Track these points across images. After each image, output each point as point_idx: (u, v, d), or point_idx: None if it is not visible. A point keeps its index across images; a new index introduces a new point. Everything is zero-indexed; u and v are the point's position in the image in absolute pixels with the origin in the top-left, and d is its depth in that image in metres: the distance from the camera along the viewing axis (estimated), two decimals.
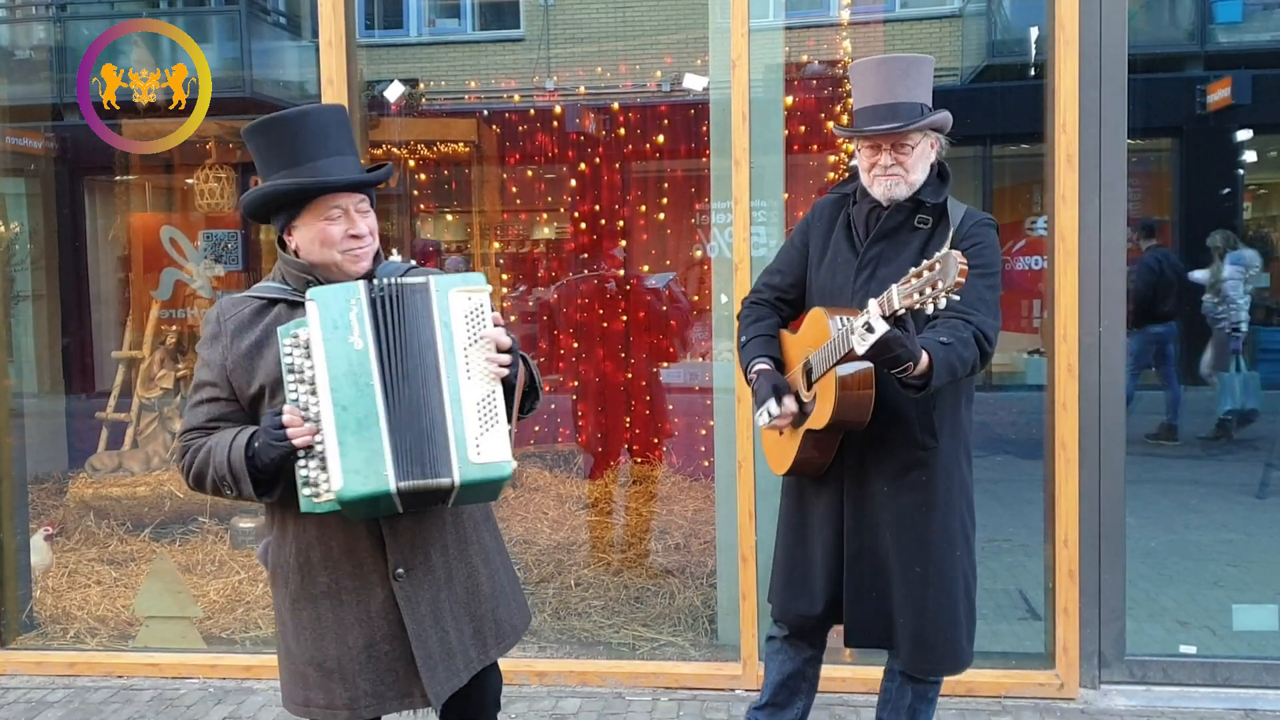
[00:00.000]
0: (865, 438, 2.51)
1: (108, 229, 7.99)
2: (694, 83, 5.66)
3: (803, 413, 2.53)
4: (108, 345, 6.56)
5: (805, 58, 5.17)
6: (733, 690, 3.68)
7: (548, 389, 4.94)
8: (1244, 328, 7.23)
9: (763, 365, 2.61)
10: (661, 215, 6.28)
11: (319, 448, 1.92)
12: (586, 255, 6.02)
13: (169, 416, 5.50)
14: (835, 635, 3.74)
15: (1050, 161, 3.52)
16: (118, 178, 7.22)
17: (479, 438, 1.92)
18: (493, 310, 2.00)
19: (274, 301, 2.09)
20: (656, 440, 5.58)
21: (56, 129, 6.03)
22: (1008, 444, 7.80)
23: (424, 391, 1.93)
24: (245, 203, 2.08)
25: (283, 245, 2.13)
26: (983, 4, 11.59)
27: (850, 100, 2.66)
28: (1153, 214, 11.41)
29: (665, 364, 5.66)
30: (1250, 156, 11.06)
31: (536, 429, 6.33)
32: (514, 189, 7.46)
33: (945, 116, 2.51)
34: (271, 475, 1.98)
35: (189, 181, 6.01)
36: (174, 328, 5.60)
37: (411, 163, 7.23)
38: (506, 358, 1.97)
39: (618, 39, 9.36)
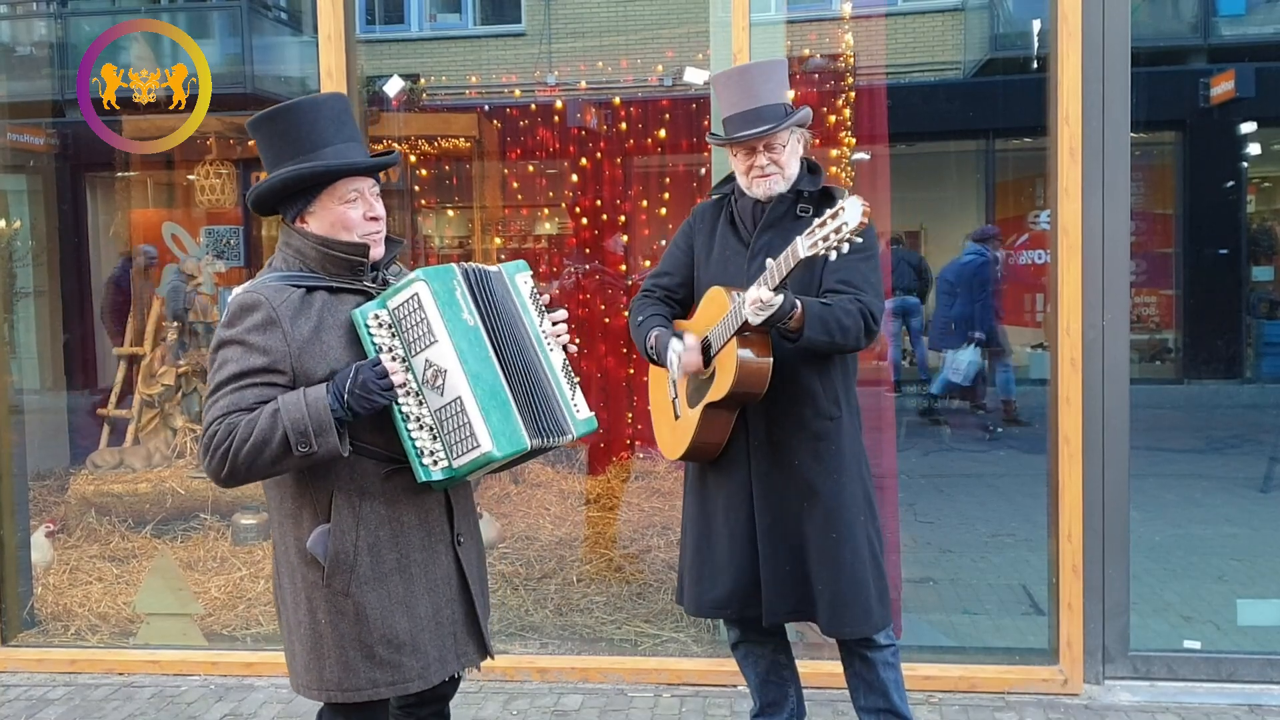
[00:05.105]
0: (773, 415, 2.65)
1: (109, 225, 7.97)
2: (695, 77, 5.65)
3: (703, 387, 2.65)
4: (109, 341, 6.54)
5: (807, 52, 5.13)
6: (735, 686, 3.67)
7: None
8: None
9: (660, 330, 2.74)
10: (663, 210, 6.26)
11: (427, 418, 2.01)
12: (588, 250, 5.97)
13: (170, 413, 5.49)
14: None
15: (1053, 155, 3.50)
16: (119, 174, 7.20)
17: (573, 397, 2.19)
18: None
19: (311, 289, 2.06)
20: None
21: (58, 125, 6.02)
22: (1010, 439, 7.79)
23: (525, 362, 2.12)
24: (257, 194, 2.07)
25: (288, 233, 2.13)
26: None
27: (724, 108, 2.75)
28: (1157, 208, 11.41)
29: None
30: (1254, 150, 11.00)
31: None
32: (515, 184, 7.44)
33: (807, 113, 2.69)
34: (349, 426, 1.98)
35: (190, 178, 6.00)
36: (175, 324, 5.58)
37: (412, 158, 7.20)
38: (565, 327, 2.23)
39: (619, 33, 9.34)
